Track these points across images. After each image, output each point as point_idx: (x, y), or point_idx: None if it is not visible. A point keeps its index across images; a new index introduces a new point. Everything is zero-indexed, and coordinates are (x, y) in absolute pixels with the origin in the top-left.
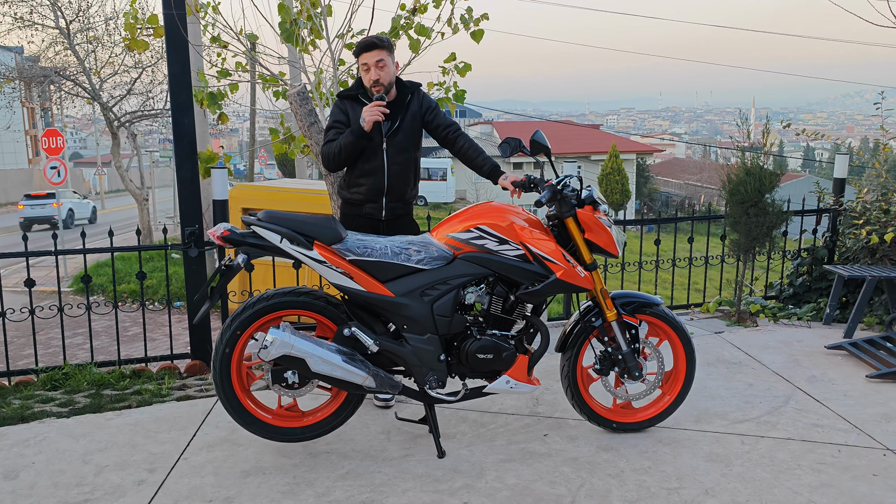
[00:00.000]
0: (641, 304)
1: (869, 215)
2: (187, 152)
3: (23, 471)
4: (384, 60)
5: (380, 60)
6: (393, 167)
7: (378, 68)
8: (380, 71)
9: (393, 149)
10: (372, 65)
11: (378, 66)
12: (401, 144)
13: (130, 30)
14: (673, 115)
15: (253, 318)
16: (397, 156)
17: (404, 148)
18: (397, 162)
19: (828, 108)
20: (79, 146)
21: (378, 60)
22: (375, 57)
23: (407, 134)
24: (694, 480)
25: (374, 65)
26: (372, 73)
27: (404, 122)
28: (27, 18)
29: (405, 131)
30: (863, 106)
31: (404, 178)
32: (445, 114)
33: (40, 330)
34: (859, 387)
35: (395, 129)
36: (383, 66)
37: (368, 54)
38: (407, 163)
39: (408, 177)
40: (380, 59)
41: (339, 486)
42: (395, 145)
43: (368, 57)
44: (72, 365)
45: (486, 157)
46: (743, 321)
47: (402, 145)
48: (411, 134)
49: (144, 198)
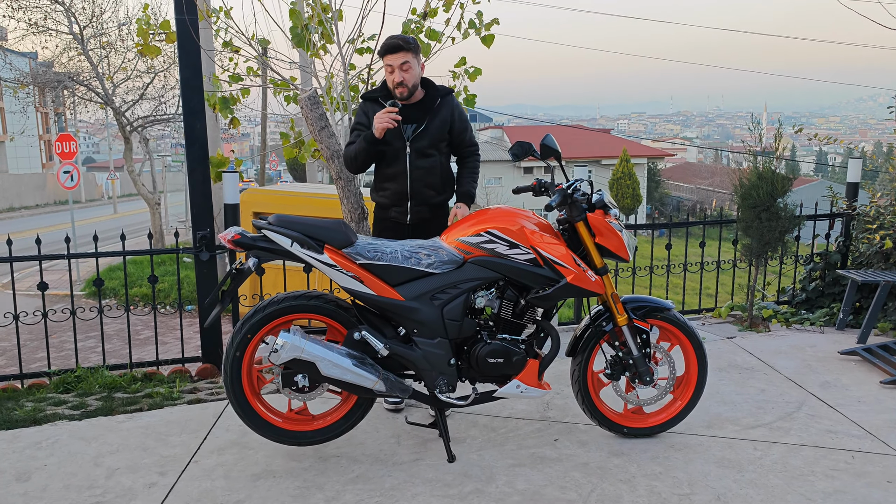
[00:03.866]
0: (653, 309)
1: (883, 220)
2: (199, 156)
3: (35, 473)
4: (409, 63)
5: (405, 63)
6: (416, 171)
7: (402, 70)
8: (404, 73)
9: (416, 153)
10: (396, 66)
11: (402, 68)
12: (425, 149)
13: (143, 35)
14: (684, 120)
15: (263, 322)
16: (420, 160)
17: (429, 153)
18: (420, 166)
19: (840, 112)
20: (92, 151)
21: (403, 63)
22: (400, 59)
23: (433, 138)
24: (706, 486)
25: (399, 67)
26: (396, 76)
27: (431, 126)
28: (41, 24)
29: (431, 135)
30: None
31: (429, 182)
32: (472, 130)
33: (53, 333)
34: (873, 392)
35: (419, 133)
36: (408, 68)
37: (393, 56)
38: (432, 167)
39: (433, 181)
40: (405, 61)
41: (349, 490)
42: (419, 150)
43: (393, 59)
44: (84, 368)
45: (468, 184)
46: (755, 326)
47: (426, 150)
48: (437, 138)
49: (156, 202)
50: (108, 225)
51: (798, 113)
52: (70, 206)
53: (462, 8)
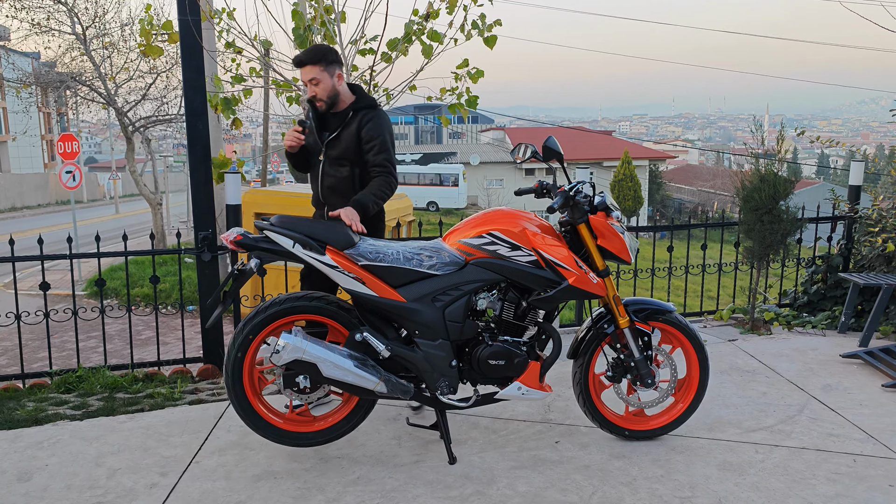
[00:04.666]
0: (654, 311)
1: (885, 223)
2: (201, 157)
3: (36, 473)
4: (316, 77)
5: (312, 78)
6: (326, 179)
7: (312, 85)
8: (314, 87)
9: (329, 161)
10: (307, 82)
11: (311, 83)
12: (337, 155)
13: (146, 35)
14: (686, 122)
15: (265, 323)
16: (331, 168)
17: (341, 162)
18: (331, 174)
19: (843, 115)
20: (94, 151)
21: (311, 79)
22: (308, 75)
23: (342, 149)
24: (707, 489)
25: (308, 82)
26: (309, 90)
27: (340, 138)
28: (44, 24)
29: (341, 146)
30: (878, 113)
31: (340, 191)
32: (384, 154)
33: (54, 333)
34: (875, 396)
35: (331, 142)
36: (317, 82)
37: (301, 70)
38: (343, 177)
39: (345, 190)
40: (312, 77)
41: (350, 492)
42: (331, 156)
43: (302, 74)
44: (85, 368)
45: (363, 194)
46: (757, 329)
47: (337, 156)
48: (347, 150)
49: (158, 202)
50: (110, 225)
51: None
52: (72, 206)
53: (465, 10)
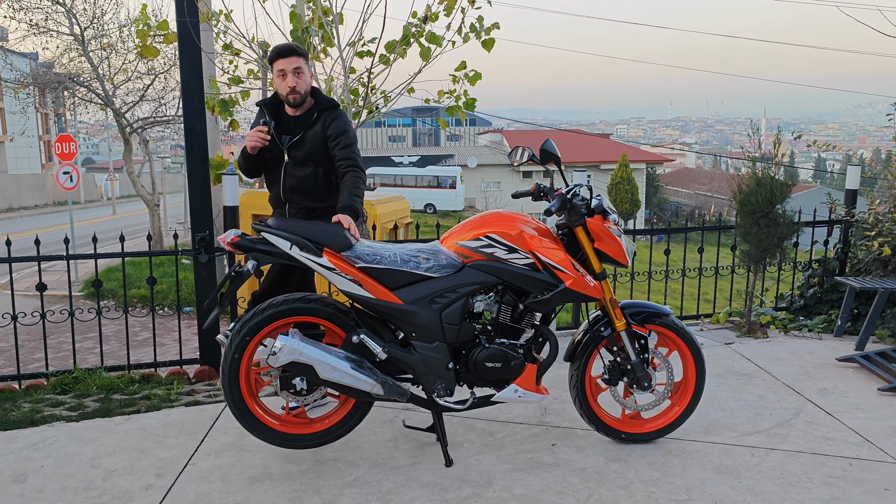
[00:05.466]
0: (651, 315)
1: (881, 227)
2: (199, 158)
3: (32, 474)
4: (302, 68)
5: (298, 67)
6: (289, 179)
7: (295, 75)
8: (297, 78)
9: (292, 161)
10: (290, 71)
11: (296, 73)
12: (301, 156)
13: (142, 36)
14: (683, 125)
15: (262, 325)
16: (296, 169)
17: (305, 163)
18: (295, 175)
19: (839, 119)
20: (91, 152)
21: (296, 68)
22: (294, 63)
23: (307, 150)
24: (703, 493)
25: (292, 71)
26: (289, 80)
27: (305, 138)
28: (42, 25)
29: (305, 147)
30: (875, 117)
31: (304, 190)
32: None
33: (51, 334)
34: (871, 400)
35: (294, 143)
36: (301, 73)
37: (286, 60)
38: (307, 177)
39: (309, 189)
40: (298, 66)
41: (347, 494)
42: (295, 157)
43: (286, 63)
44: (82, 369)
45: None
46: (753, 332)
47: (302, 157)
48: (312, 150)
49: (156, 203)
50: (108, 226)
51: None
52: (69, 206)
53: (463, 12)
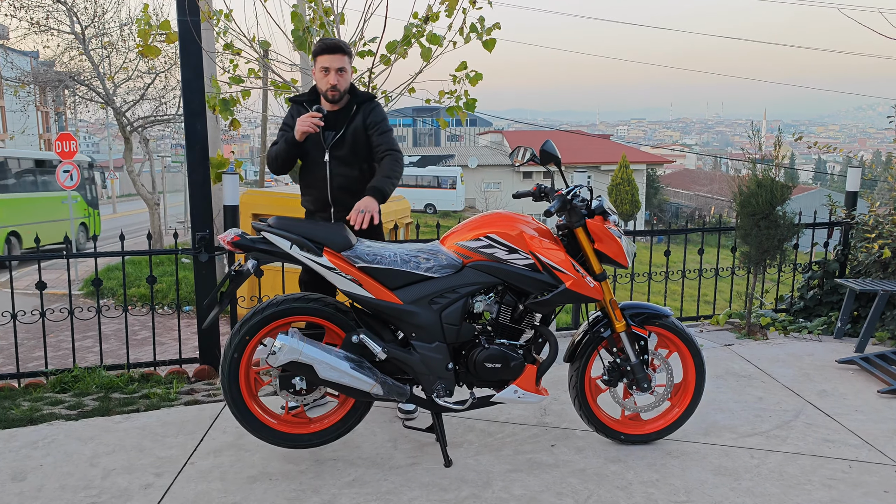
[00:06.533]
0: (651, 316)
1: (881, 229)
2: (199, 158)
3: (30, 473)
4: (345, 67)
5: (342, 68)
6: (337, 179)
7: (338, 73)
8: (339, 76)
9: (336, 161)
10: (333, 69)
11: (339, 72)
12: (345, 157)
13: (143, 36)
14: (684, 126)
15: (262, 324)
16: (341, 168)
17: (349, 161)
18: (341, 174)
19: (840, 121)
20: (92, 150)
21: (340, 68)
22: (339, 63)
23: (350, 146)
24: (702, 494)
25: (336, 70)
26: (331, 77)
27: (346, 135)
28: (43, 23)
29: (348, 144)
30: (875, 119)
31: (351, 189)
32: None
33: (50, 332)
34: (871, 402)
35: (337, 141)
36: (344, 72)
37: (331, 56)
38: (353, 175)
39: (355, 188)
40: (342, 66)
41: (345, 494)
42: (338, 157)
43: (331, 60)
44: (81, 368)
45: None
46: (753, 334)
47: (346, 158)
48: (355, 146)
49: (156, 202)
50: (107, 225)
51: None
52: (69, 205)
53: (464, 13)
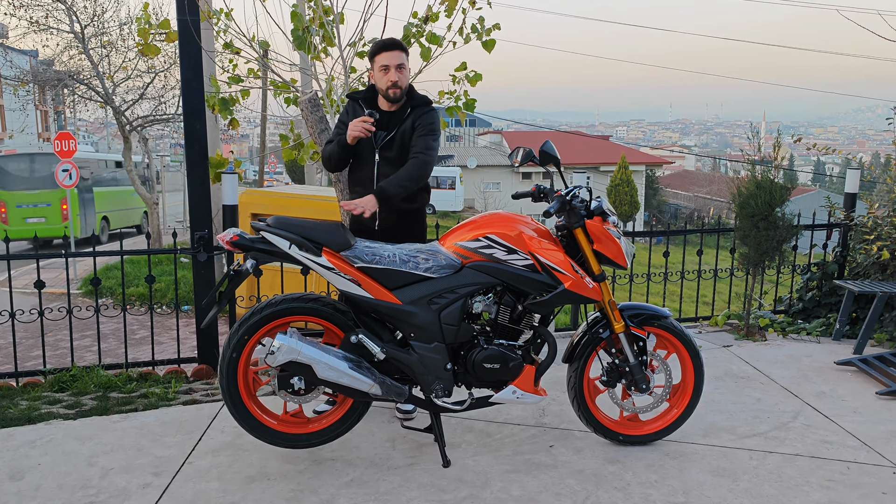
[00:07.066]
0: (650, 317)
1: (880, 231)
2: (198, 157)
3: (28, 472)
4: (405, 64)
5: (401, 64)
6: (384, 179)
7: (398, 70)
8: (399, 73)
9: (384, 161)
10: (393, 66)
11: (398, 69)
12: (393, 157)
13: (143, 35)
14: (683, 128)
15: (261, 324)
16: (388, 168)
17: (397, 162)
18: (388, 175)
19: (839, 123)
20: (91, 150)
21: (399, 64)
22: (398, 60)
23: (400, 148)
24: (701, 495)
25: (395, 67)
26: (392, 75)
27: (396, 136)
28: (42, 22)
29: (398, 145)
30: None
31: None
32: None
33: (49, 331)
34: (869, 403)
35: (387, 142)
36: (403, 69)
37: (390, 54)
38: None
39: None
40: (402, 62)
41: (344, 494)
42: (387, 158)
43: (390, 57)
44: (79, 367)
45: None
46: (752, 335)
47: (394, 158)
48: (403, 148)
49: (155, 202)
50: None
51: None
52: (68, 204)
53: (464, 13)
